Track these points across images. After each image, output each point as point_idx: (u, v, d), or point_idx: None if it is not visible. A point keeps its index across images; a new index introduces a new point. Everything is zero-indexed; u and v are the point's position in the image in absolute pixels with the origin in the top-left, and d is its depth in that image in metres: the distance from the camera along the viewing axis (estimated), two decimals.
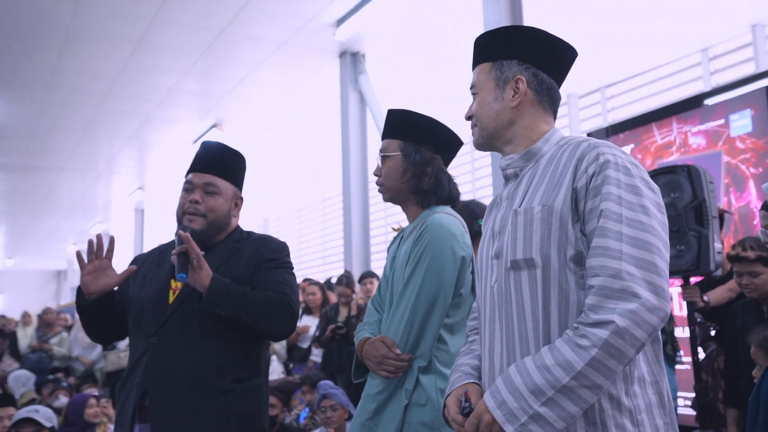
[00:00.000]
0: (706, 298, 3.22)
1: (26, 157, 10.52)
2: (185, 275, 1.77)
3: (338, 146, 7.00)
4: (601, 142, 1.32)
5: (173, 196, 2.07)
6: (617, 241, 1.20)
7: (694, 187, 3.03)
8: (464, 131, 1.81)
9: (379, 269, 5.61)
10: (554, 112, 1.45)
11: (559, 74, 1.45)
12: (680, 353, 3.81)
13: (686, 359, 3.87)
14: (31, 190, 12.78)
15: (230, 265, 1.92)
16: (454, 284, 1.84)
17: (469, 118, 1.49)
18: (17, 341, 7.95)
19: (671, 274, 2.96)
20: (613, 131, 5.01)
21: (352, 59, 6.86)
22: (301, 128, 9.17)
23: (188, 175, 2.01)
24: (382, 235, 9.86)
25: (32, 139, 9.60)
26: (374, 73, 6.91)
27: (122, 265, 1.99)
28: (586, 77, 7.02)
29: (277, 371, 5.40)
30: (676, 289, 3.40)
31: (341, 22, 6.12)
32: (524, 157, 1.41)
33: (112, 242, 1.93)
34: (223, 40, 6.44)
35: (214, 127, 8.93)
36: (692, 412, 3.59)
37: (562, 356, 1.17)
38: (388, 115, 2.03)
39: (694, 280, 3.36)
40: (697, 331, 3.28)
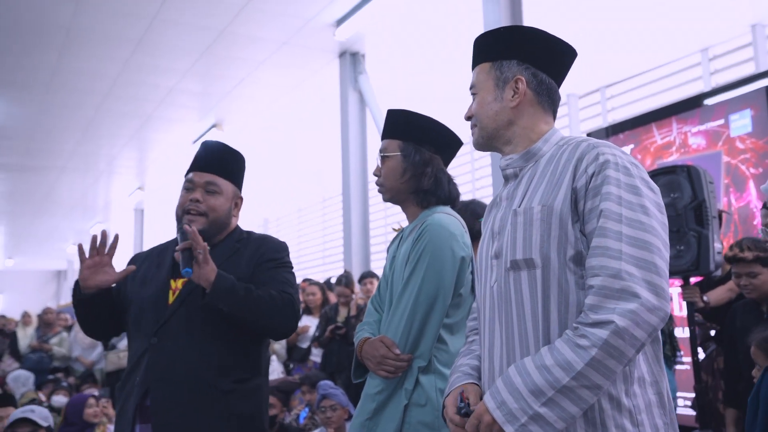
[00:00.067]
0: (705, 298, 3.22)
1: (26, 157, 10.52)
2: (190, 270, 1.76)
3: (338, 146, 7.00)
4: (600, 142, 1.32)
5: (173, 196, 2.07)
6: (617, 241, 1.20)
7: (693, 187, 3.03)
8: (464, 131, 1.81)
9: (378, 269, 5.60)
10: (554, 112, 1.45)
11: (558, 74, 1.45)
12: (680, 353, 3.81)
13: (686, 359, 3.87)
14: (31, 190, 12.77)
15: (230, 265, 1.92)
16: (453, 284, 1.84)
17: (468, 118, 1.49)
18: (17, 341, 7.96)
19: (671, 274, 2.96)
20: (612, 131, 5.01)
21: (351, 59, 6.86)
22: (301, 128, 9.17)
23: (189, 174, 2.01)
24: (381, 235, 9.86)
25: (32, 139, 9.59)
26: (374, 73, 6.91)
27: (121, 265, 1.99)
28: (585, 77, 7.02)
29: (277, 371, 5.40)
30: (675, 289, 3.40)
31: (341, 22, 6.12)
32: (524, 157, 1.41)
33: (116, 240, 1.93)
34: (223, 40, 6.44)
35: (214, 127, 8.93)
36: (692, 412, 3.59)
37: (561, 356, 1.17)
38: (387, 115, 2.03)
39: (693, 280, 3.36)
40: (697, 331, 3.28)
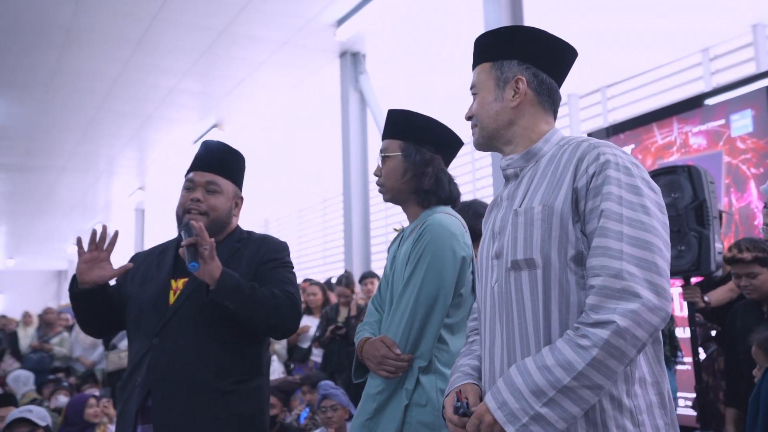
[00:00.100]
0: (706, 298, 3.22)
1: (27, 157, 10.52)
2: (197, 264, 1.75)
3: (339, 146, 6.99)
4: (601, 142, 1.32)
5: (174, 196, 2.06)
6: (618, 241, 1.20)
7: (694, 187, 3.03)
8: (464, 131, 1.81)
9: (379, 269, 5.60)
10: (554, 112, 1.45)
11: (559, 74, 1.45)
12: (681, 354, 3.81)
13: (687, 360, 3.87)
14: (31, 190, 12.78)
15: (230, 264, 1.91)
16: (454, 284, 1.84)
17: (469, 118, 1.48)
18: (18, 341, 7.97)
19: (672, 274, 2.96)
20: (613, 131, 5.00)
21: (352, 59, 6.86)
22: (301, 128, 9.17)
23: (189, 173, 2.01)
24: (382, 235, 9.86)
25: (33, 139, 9.60)
26: (375, 73, 6.91)
27: (120, 266, 1.98)
28: (586, 77, 7.02)
29: (277, 371, 5.40)
30: (676, 289, 3.39)
31: (342, 22, 6.12)
32: (524, 157, 1.41)
33: (115, 236, 1.93)
34: (223, 40, 6.44)
35: (214, 127, 8.93)
36: (693, 412, 3.59)
37: (562, 356, 1.17)
38: (388, 115, 2.02)
39: (694, 280, 3.36)
40: (697, 331, 3.28)
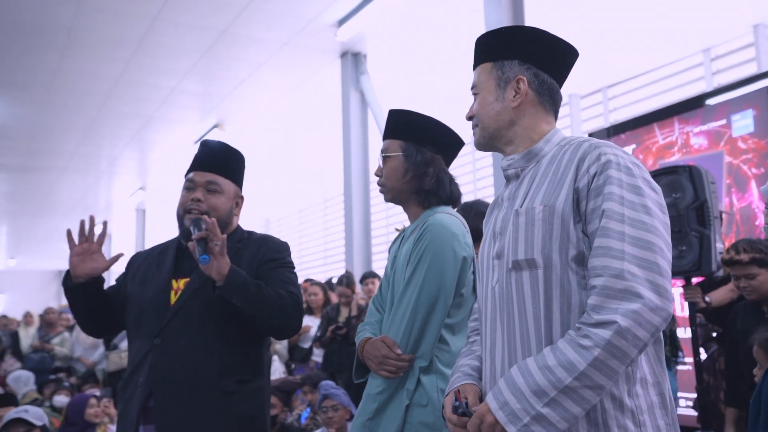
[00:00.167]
0: (707, 298, 3.22)
1: (28, 157, 10.53)
2: (208, 257, 1.75)
3: (339, 147, 7.00)
4: (602, 142, 1.32)
5: (175, 196, 2.06)
6: (619, 241, 1.20)
7: (695, 187, 3.03)
8: (465, 131, 1.81)
9: (380, 269, 5.60)
10: (555, 112, 1.45)
11: (560, 74, 1.45)
12: (682, 354, 3.80)
13: (688, 360, 3.86)
14: (32, 190, 12.79)
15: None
16: (455, 284, 1.84)
17: (470, 118, 1.48)
18: (19, 341, 7.97)
19: (673, 274, 2.95)
20: (614, 131, 5.00)
21: (353, 60, 6.86)
22: (302, 129, 9.17)
23: (189, 173, 2.00)
24: (383, 235, 9.86)
25: (34, 139, 9.61)
26: (375, 73, 6.91)
27: (121, 265, 1.98)
28: (587, 77, 7.02)
29: (278, 371, 5.40)
30: (677, 289, 3.39)
31: (342, 22, 6.12)
32: (525, 157, 1.41)
33: (104, 228, 1.93)
34: (224, 40, 6.45)
35: (215, 127, 8.94)
36: (694, 412, 3.59)
37: (564, 356, 1.17)
38: (389, 115, 2.02)
39: (695, 280, 3.36)
40: (698, 331, 3.28)
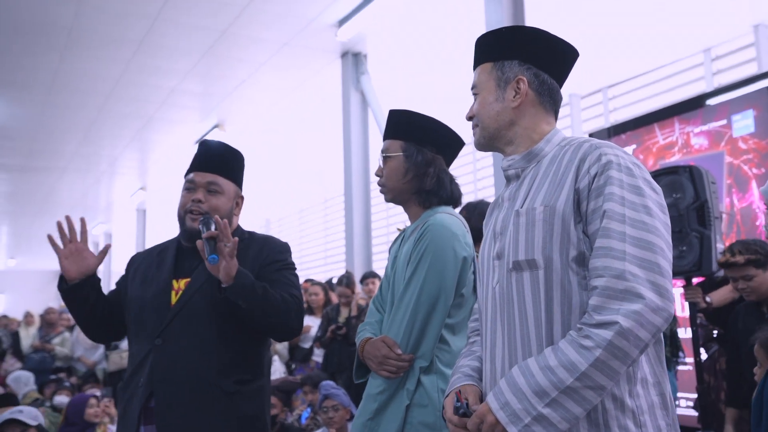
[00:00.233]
0: (708, 298, 3.22)
1: (28, 158, 10.53)
2: (216, 257, 1.74)
3: (340, 147, 6.99)
4: (603, 142, 1.32)
5: (175, 196, 2.06)
6: (620, 241, 1.19)
7: (696, 187, 3.02)
8: (465, 131, 1.81)
9: (380, 270, 5.60)
10: (555, 112, 1.45)
11: (560, 75, 1.45)
12: (683, 354, 3.80)
13: (688, 360, 3.86)
14: (33, 190, 12.79)
15: None
16: (455, 284, 1.84)
17: (470, 118, 1.48)
18: (20, 341, 7.98)
19: (673, 275, 2.96)
20: (615, 132, 5.00)
21: (353, 60, 6.86)
22: (302, 129, 9.17)
23: (189, 174, 2.00)
24: (383, 235, 9.86)
25: (34, 140, 9.61)
26: (376, 73, 6.91)
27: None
28: (588, 78, 7.01)
29: (279, 371, 5.40)
30: (678, 290, 3.39)
31: (343, 22, 6.12)
32: (526, 157, 1.40)
33: (83, 224, 1.93)
34: (224, 41, 6.45)
35: (215, 128, 8.94)
36: (694, 413, 3.58)
37: (565, 357, 1.17)
38: (389, 115, 2.02)
39: (696, 280, 3.36)
40: (699, 332, 3.28)
